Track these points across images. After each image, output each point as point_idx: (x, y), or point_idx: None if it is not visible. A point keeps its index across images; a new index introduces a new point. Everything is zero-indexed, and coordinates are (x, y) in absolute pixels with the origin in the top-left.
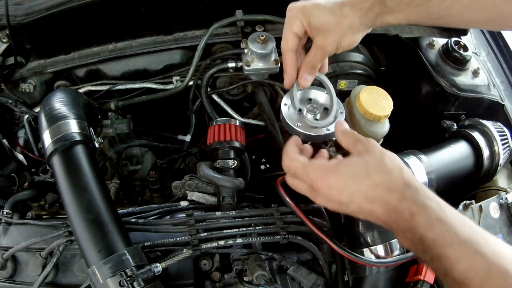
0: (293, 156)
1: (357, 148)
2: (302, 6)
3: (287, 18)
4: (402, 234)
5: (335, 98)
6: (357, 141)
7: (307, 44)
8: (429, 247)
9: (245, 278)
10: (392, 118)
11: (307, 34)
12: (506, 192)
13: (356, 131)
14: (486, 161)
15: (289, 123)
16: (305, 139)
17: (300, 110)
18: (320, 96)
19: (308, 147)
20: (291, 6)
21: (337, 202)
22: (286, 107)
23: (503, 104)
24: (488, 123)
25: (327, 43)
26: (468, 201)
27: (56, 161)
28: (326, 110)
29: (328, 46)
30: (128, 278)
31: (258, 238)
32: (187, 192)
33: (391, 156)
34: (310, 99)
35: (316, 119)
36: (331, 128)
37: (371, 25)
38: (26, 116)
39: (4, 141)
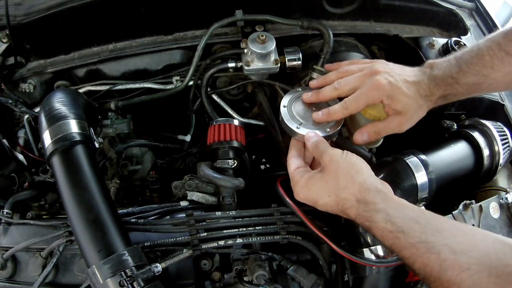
0: (290, 162)
1: (322, 159)
2: (390, 88)
3: (372, 93)
4: None
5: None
6: (323, 153)
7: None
8: (390, 249)
9: (245, 278)
10: None
11: None
12: (506, 192)
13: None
14: (486, 161)
15: (289, 125)
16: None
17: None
18: None
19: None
20: (380, 84)
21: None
22: (285, 109)
23: (503, 104)
24: (488, 123)
25: (404, 126)
26: (468, 201)
27: (56, 161)
28: None
29: (404, 128)
30: (128, 278)
31: (258, 238)
32: (187, 192)
33: (345, 171)
34: None
35: None
36: (331, 130)
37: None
38: (26, 116)
39: (4, 141)
